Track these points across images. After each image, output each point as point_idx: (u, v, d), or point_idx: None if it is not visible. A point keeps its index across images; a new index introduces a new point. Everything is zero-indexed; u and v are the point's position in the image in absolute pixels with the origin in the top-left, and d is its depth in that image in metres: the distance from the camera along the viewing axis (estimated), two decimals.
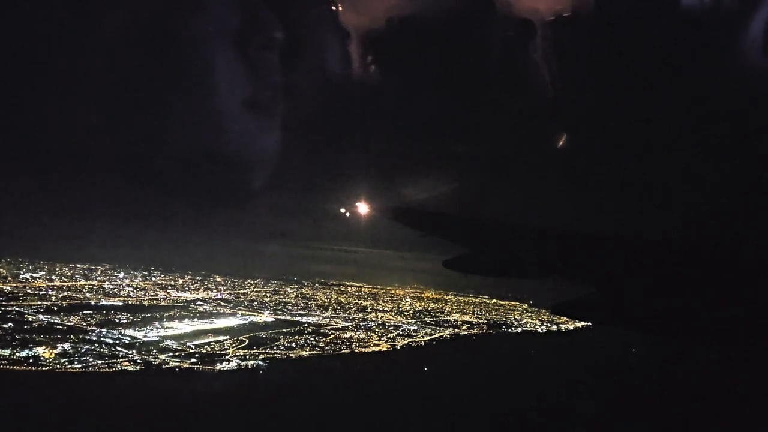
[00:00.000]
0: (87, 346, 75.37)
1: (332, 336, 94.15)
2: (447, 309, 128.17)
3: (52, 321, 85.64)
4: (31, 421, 56.55)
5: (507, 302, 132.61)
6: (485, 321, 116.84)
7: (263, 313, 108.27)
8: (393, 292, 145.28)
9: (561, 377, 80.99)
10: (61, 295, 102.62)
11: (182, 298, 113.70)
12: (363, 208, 18.62)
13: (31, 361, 69.51)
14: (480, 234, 12.47)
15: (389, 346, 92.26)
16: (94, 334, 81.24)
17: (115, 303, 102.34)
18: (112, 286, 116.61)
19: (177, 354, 77.56)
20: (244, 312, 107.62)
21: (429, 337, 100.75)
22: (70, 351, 72.96)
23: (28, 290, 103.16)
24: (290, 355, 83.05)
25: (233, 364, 76.33)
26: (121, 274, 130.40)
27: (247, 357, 79.52)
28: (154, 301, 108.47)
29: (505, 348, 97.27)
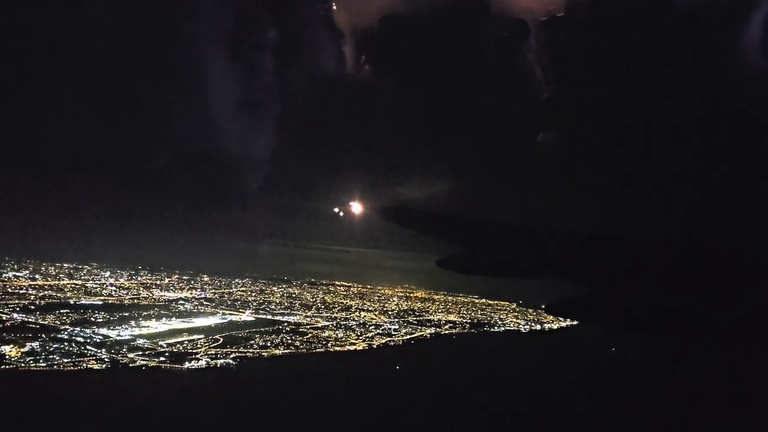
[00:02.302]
0: (56, 345, 74.98)
1: (310, 335, 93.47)
2: (433, 308, 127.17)
3: (26, 320, 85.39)
4: None
5: (496, 302, 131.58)
6: (469, 320, 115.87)
7: (244, 313, 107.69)
8: (382, 291, 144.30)
9: (538, 376, 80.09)
10: (41, 294, 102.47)
11: (164, 298, 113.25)
12: (357, 207, 18.59)
13: None
14: (474, 233, 12.46)
15: (365, 345, 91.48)
16: (66, 332, 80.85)
17: (94, 302, 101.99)
18: (95, 285, 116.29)
19: (147, 353, 77.06)
20: (225, 311, 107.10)
21: (408, 336, 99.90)
22: (38, 349, 72.56)
23: (9, 289, 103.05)
24: (262, 353, 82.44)
25: (202, 362, 75.75)
26: (107, 273, 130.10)
27: (218, 356, 78.92)
28: (135, 301, 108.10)
29: (484, 347, 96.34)
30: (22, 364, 68.67)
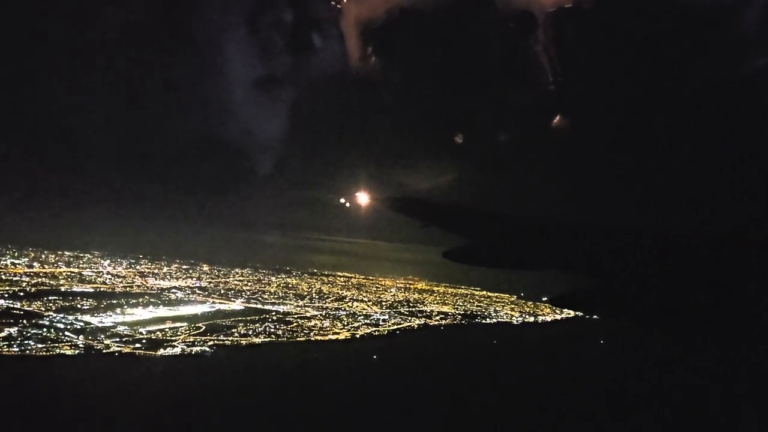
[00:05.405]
0: (34, 331, 75.29)
1: (294, 324, 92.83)
2: (429, 300, 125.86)
3: (11, 306, 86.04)
4: None
5: (495, 294, 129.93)
6: (462, 312, 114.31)
7: (235, 302, 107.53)
8: (381, 282, 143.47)
9: (519, 367, 78.45)
10: (34, 282, 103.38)
11: (158, 286, 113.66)
12: (363, 198, 18.65)
13: None
14: (480, 225, 12.58)
15: (348, 335, 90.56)
16: (48, 319, 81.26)
17: (85, 290, 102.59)
18: (90, 273, 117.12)
19: (124, 339, 77.09)
20: (215, 300, 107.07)
21: (395, 327, 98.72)
22: (15, 335, 72.93)
23: (2, 276, 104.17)
24: (242, 342, 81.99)
25: (177, 350, 75.54)
26: (107, 262, 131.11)
27: (195, 343, 78.69)
28: (128, 289, 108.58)
29: (470, 338, 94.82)
30: None
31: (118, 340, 76.82)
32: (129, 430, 57.20)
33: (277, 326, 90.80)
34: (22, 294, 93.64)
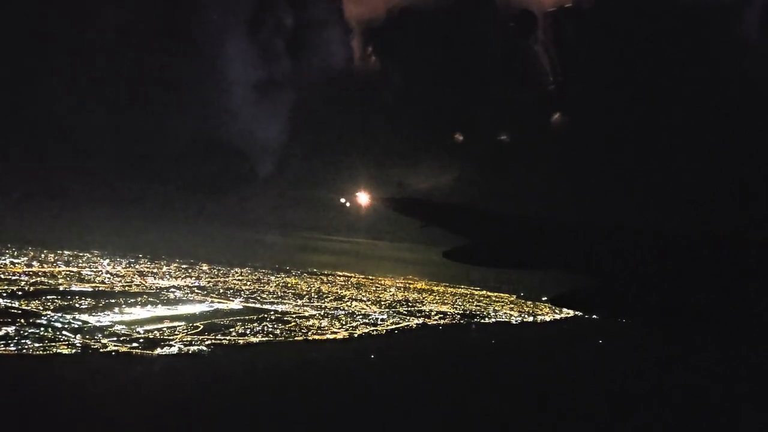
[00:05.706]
0: (32, 330, 75.06)
1: (292, 323, 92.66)
2: (429, 299, 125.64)
3: (9, 305, 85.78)
4: None
5: (495, 293, 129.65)
6: (461, 312, 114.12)
7: (233, 301, 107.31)
8: (382, 282, 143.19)
9: (515, 366, 78.30)
10: (32, 281, 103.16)
11: (156, 285, 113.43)
12: (364, 198, 18.78)
13: None
14: (481, 225, 12.64)
15: (346, 334, 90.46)
16: (45, 318, 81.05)
17: (84, 289, 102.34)
18: (89, 273, 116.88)
19: (121, 338, 76.86)
20: (214, 299, 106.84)
21: (393, 326, 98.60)
22: (12, 334, 72.71)
23: (1, 275, 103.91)
24: (239, 341, 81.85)
25: (174, 349, 75.39)
26: (106, 261, 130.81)
27: (193, 342, 78.52)
28: (126, 288, 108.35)
29: (468, 337, 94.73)
30: None
31: (115, 339, 76.61)
32: (126, 430, 56.98)
33: (276, 325, 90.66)
34: (20, 293, 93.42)
